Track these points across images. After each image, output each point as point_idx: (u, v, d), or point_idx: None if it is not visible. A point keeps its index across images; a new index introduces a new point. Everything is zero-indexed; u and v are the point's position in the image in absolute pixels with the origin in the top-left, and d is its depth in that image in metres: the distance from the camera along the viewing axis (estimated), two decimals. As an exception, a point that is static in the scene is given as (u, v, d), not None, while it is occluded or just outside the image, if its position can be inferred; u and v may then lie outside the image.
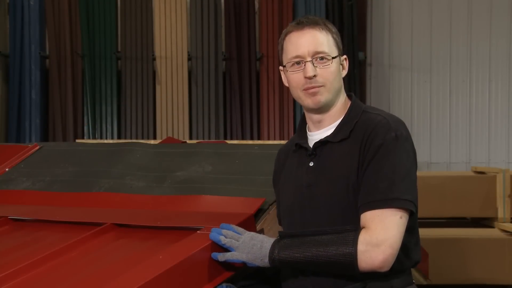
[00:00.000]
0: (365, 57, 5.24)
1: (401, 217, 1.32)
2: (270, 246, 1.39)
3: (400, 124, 1.41)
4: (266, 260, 1.38)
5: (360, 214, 1.35)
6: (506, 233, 3.51)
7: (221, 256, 1.41)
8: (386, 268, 1.31)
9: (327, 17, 5.02)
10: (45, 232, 1.71)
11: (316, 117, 1.50)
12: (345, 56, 1.53)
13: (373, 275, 1.34)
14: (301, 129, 1.58)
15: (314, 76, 1.44)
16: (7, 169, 2.40)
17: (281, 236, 1.43)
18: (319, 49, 1.45)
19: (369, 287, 1.35)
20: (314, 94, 1.45)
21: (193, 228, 1.53)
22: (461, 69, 5.36)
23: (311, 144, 1.50)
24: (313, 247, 1.34)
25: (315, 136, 1.51)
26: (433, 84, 5.38)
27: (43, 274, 1.36)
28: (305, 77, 1.45)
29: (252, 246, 1.40)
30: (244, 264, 1.41)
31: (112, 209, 1.88)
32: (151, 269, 1.26)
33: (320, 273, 1.39)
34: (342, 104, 1.51)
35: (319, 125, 1.51)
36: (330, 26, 1.50)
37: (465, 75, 5.36)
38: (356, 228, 1.34)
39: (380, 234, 1.30)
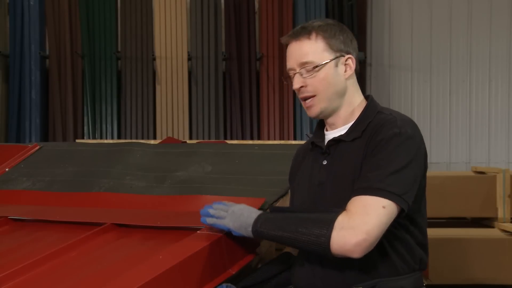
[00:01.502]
0: (365, 57, 5.24)
1: (384, 207, 1.29)
2: (256, 217, 1.41)
3: (408, 123, 1.41)
4: (250, 229, 1.41)
5: None
6: (506, 233, 3.51)
7: (210, 219, 1.45)
8: (358, 254, 1.28)
9: (327, 17, 5.02)
10: (45, 232, 1.71)
11: (327, 121, 1.54)
12: (348, 56, 1.50)
13: (383, 274, 1.35)
14: (319, 128, 1.60)
15: (302, 87, 1.47)
16: (7, 169, 2.40)
17: (271, 211, 1.47)
18: (303, 60, 1.47)
19: (379, 287, 1.36)
20: (309, 107, 1.49)
21: (193, 228, 1.54)
22: (461, 69, 5.35)
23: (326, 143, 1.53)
24: (293, 224, 1.35)
25: (330, 135, 1.53)
26: (433, 84, 5.38)
27: (43, 274, 1.36)
28: (294, 89, 1.50)
29: (239, 216, 1.43)
30: (229, 232, 1.44)
31: (112, 209, 1.88)
32: (151, 269, 1.26)
33: (330, 271, 1.40)
34: (353, 105, 1.51)
35: (333, 126, 1.53)
36: (324, 28, 1.48)
37: (465, 75, 5.36)
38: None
39: (358, 218, 1.28)
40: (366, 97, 1.56)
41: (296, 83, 1.47)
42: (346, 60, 1.50)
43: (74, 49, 4.91)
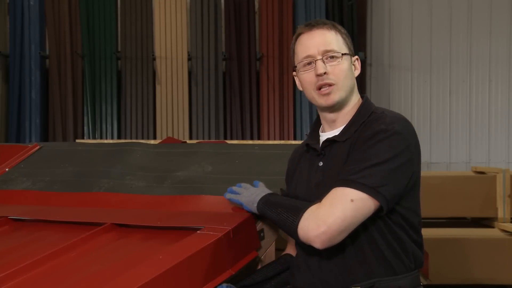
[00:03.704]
0: (365, 57, 5.24)
1: (352, 200, 1.30)
2: (263, 195, 1.52)
3: (398, 120, 1.41)
4: (255, 205, 1.53)
5: None
6: (506, 233, 3.51)
7: (228, 195, 1.64)
8: (319, 245, 1.32)
9: (327, 17, 5.02)
10: (45, 232, 1.71)
11: (330, 116, 1.53)
12: (356, 57, 1.56)
13: (380, 274, 1.35)
14: (314, 130, 1.61)
15: (325, 73, 1.46)
16: (7, 169, 2.39)
17: (282, 194, 1.59)
18: (329, 48, 1.48)
19: (377, 287, 1.36)
20: (327, 94, 1.47)
21: (193, 228, 1.54)
22: (461, 69, 5.35)
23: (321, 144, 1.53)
24: (281, 208, 1.43)
25: (324, 136, 1.54)
26: (433, 84, 5.38)
27: (43, 274, 1.36)
28: (316, 75, 1.47)
29: (252, 193, 1.57)
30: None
31: (112, 209, 1.88)
32: (151, 269, 1.26)
33: (328, 271, 1.40)
34: (355, 104, 1.53)
35: (333, 124, 1.53)
36: (339, 27, 1.54)
37: (465, 75, 5.36)
38: None
39: (324, 210, 1.32)
40: (361, 96, 1.56)
41: (321, 68, 1.46)
42: (354, 61, 1.55)
43: (74, 49, 4.91)
